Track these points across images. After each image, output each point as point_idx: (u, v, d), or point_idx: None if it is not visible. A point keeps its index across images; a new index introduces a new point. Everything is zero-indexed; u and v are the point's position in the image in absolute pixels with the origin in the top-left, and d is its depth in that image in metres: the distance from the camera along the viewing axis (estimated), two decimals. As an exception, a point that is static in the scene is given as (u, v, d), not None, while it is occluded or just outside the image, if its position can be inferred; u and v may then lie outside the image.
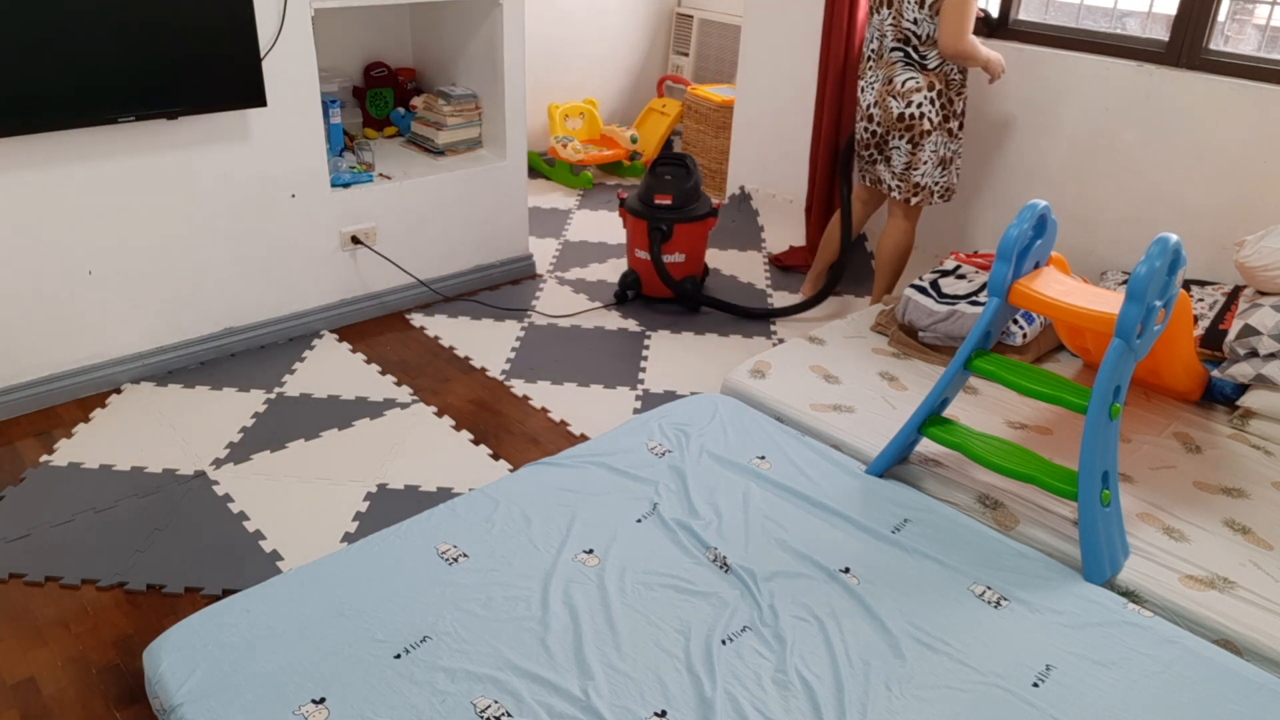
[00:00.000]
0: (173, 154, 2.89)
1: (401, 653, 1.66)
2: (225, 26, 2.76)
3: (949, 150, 3.19)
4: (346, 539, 2.36)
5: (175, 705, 1.55)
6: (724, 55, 5.47)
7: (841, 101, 3.77)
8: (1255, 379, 2.48)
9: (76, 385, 2.92)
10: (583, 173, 5.07)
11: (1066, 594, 1.86)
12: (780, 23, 4.13)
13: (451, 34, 3.80)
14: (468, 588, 1.82)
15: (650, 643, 1.71)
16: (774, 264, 4.11)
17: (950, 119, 3.14)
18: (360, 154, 3.50)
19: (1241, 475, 2.29)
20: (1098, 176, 3.27)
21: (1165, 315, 1.96)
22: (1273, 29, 3.02)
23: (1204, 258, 3.04)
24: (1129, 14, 3.32)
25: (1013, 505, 2.13)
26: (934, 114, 3.11)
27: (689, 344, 3.42)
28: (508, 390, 3.09)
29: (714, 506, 2.09)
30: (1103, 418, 1.88)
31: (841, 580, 1.88)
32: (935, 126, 3.12)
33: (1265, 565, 1.96)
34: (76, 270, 2.82)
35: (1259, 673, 1.68)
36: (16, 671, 1.96)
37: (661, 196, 3.47)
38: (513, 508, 2.06)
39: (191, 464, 2.62)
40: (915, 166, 3.19)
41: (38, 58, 2.49)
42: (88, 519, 2.39)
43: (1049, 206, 2.08)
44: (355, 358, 3.24)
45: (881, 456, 2.23)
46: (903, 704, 1.60)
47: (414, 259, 3.59)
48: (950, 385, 2.14)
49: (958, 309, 2.75)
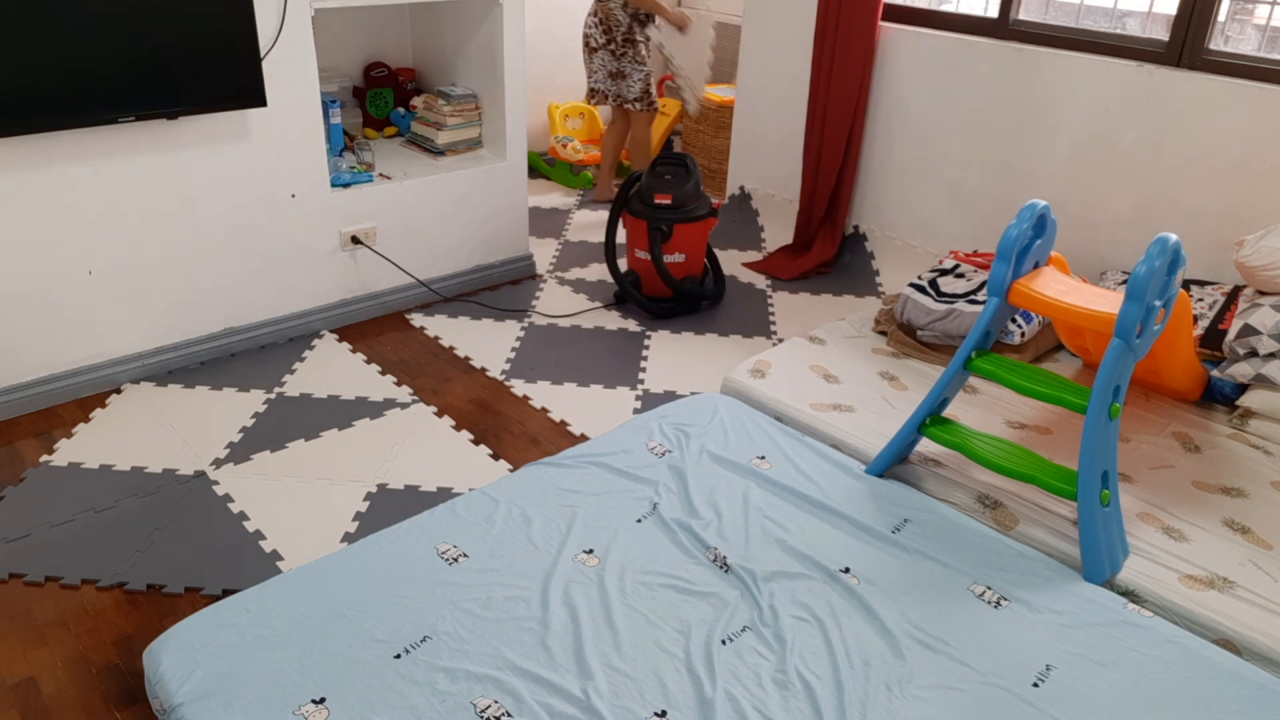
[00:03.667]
0: (173, 154, 2.89)
1: (401, 653, 1.66)
2: (225, 26, 2.76)
3: (616, 67, 4.49)
4: (346, 539, 2.36)
5: (175, 705, 1.55)
6: (724, 55, 5.47)
7: (828, 101, 3.78)
8: (1255, 379, 2.48)
9: (76, 385, 2.92)
10: (583, 173, 5.06)
11: (1066, 594, 1.86)
12: (780, 23, 4.13)
13: (451, 34, 3.80)
14: (468, 588, 1.82)
15: (650, 643, 1.71)
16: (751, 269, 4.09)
17: (612, 44, 4.44)
18: (360, 154, 3.50)
19: (1241, 475, 2.29)
20: (1098, 176, 3.27)
21: (1165, 315, 1.96)
22: (1273, 29, 3.02)
23: (1204, 258, 3.04)
24: (1129, 14, 3.32)
25: (1013, 505, 2.13)
26: (599, 36, 4.45)
27: (689, 344, 3.42)
28: (508, 390, 3.09)
29: (714, 506, 2.09)
30: (1102, 417, 1.88)
31: (841, 580, 1.88)
32: (600, 46, 4.47)
33: (1265, 565, 1.96)
34: (76, 270, 2.82)
35: (1259, 673, 1.68)
36: (16, 671, 1.96)
37: (661, 196, 3.47)
38: (513, 508, 2.06)
39: (191, 464, 2.62)
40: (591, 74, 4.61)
41: (38, 58, 2.49)
42: (88, 519, 2.39)
43: (1049, 206, 2.08)
44: (355, 358, 3.25)
45: (881, 456, 2.23)
46: (903, 704, 1.60)
47: (414, 259, 3.59)
48: (950, 385, 2.14)
49: (956, 308, 2.75)
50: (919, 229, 3.89)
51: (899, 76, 3.76)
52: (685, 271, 3.60)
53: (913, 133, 3.79)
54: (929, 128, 3.73)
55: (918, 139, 3.78)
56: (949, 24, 3.62)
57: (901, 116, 3.81)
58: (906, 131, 3.81)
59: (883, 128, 3.89)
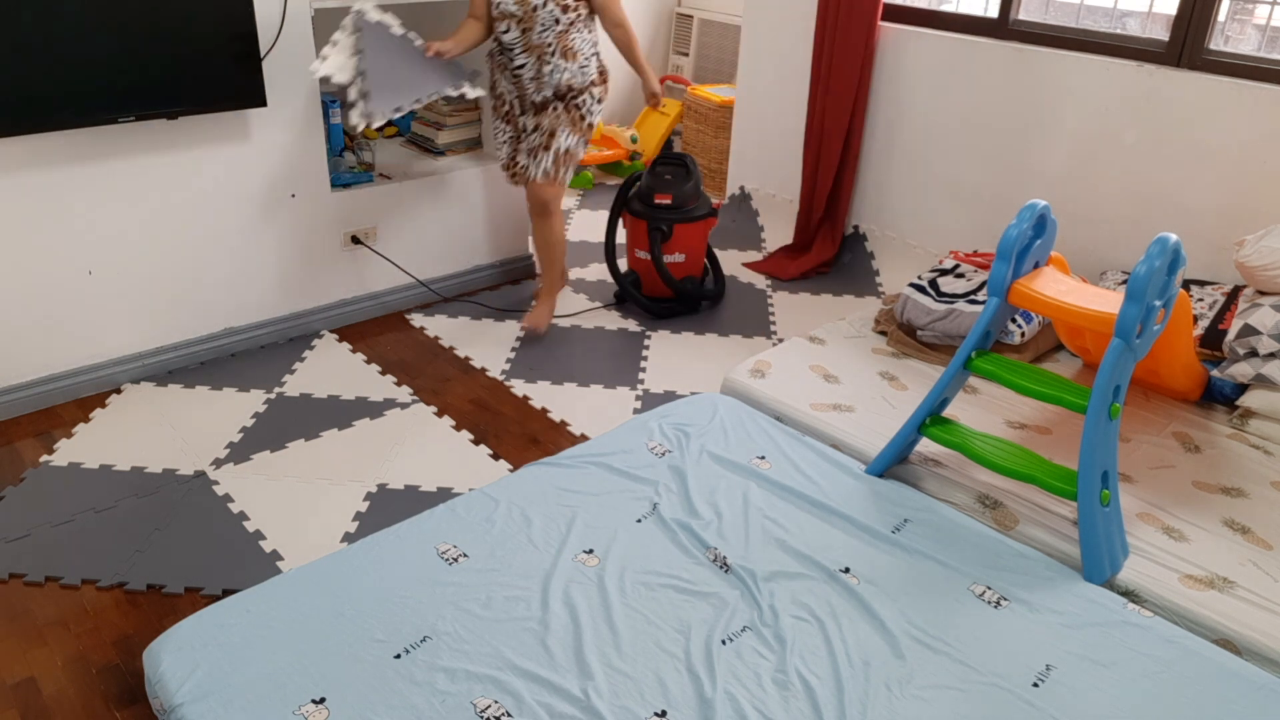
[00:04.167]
0: (173, 154, 2.89)
1: (401, 653, 1.66)
2: (225, 26, 2.76)
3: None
4: (346, 539, 2.36)
5: (175, 705, 1.55)
6: (724, 55, 5.47)
7: (828, 101, 3.78)
8: (1255, 379, 2.48)
9: (76, 385, 2.92)
10: (583, 173, 5.06)
11: (1066, 594, 1.86)
12: (780, 23, 4.13)
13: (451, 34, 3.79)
14: (468, 588, 1.82)
15: (650, 643, 1.71)
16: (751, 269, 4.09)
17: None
18: (360, 154, 3.50)
19: (1241, 475, 2.29)
20: (1098, 176, 3.27)
21: (1165, 315, 1.97)
22: (1273, 29, 3.02)
23: (1204, 258, 3.04)
24: (1129, 14, 3.32)
25: (1013, 505, 2.13)
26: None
27: (689, 344, 3.42)
28: (508, 390, 3.09)
29: (714, 506, 2.09)
30: (1102, 417, 1.88)
31: (841, 580, 1.88)
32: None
33: (1265, 565, 1.96)
34: (76, 270, 2.82)
35: (1259, 673, 1.68)
36: (16, 671, 1.96)
37: (661, 196, 3.47)
38: (513, 508, 2.06)
39: (191, 464, 2.62)
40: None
41: (38, 58, 2.49)
42: (88, 519, 2.39)
43: (1049, 206, 2.08)
44: (355, 358, 3.25)
45: (881, 456, 2.23)
46: (903, 704, 1.60)
47: (414, 259, 3.59)
48: (950, 385, 2.14)
49: (956, 308, 2.75)
50: (919, 229, 3.89)
51: (899, 76, 3.76)
52: (685, 271, 3.60)
53: (913, 133, 3.79)
54: (929, 128, 3.73)
55: (918, 139, 3.78)
56: (949, 24, 3.62)
57: (901, 116, 3.81)
58: (906, 131, 3.81)
59: (883, 128, 3.89)
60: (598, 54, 3.21)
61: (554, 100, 3.17)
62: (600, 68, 3.24)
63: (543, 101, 3.18)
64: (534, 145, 3.22)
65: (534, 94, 3.16)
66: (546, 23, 3.01)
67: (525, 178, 3.31)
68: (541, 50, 3.06)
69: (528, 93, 3.17)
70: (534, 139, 3.22)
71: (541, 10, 2.99)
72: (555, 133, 3.19)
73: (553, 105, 3.18)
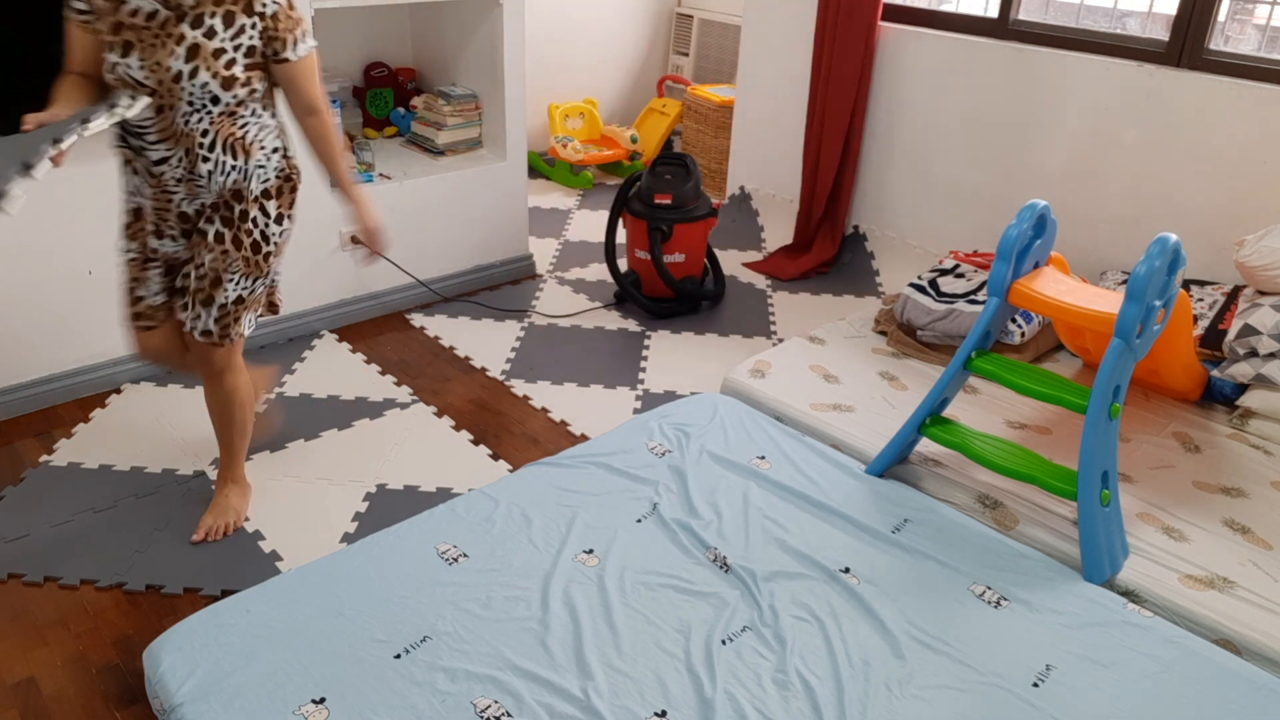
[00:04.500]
0: (172, 154, 2.88)
1: (401, 653, 1.66)
2: (225, 26, 2.75)
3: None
4: (346, 539, 2.36)
5: (175, 705, 1.55)
6: (724, 55, 5.47)
7: (828, 101, 3.78)
8: (1255, 379, 2.48)
9: (76, 385, 2.92)
10: (583, 173, 5.06)
11: (1066, 594, 1.86)
12: (780, 23, 4.13)
13: (451, 34, 3.80)
14: (468, 588, 1.82)
15: (650, 643, 1.71)
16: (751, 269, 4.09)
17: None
18: (360, 154, 3.50)
19: (1241, 475, 2.29)
20: (1098, 176, 3.27)
21: (1165, 315, 1.97)
22: (1273, 29, 3.02)
23: (1204, 258, 3.04)
24: (1129, 14, 3.32)
25: (1013, 505, 2.13)
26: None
27: (689, 344, 3.42)
28: (508, 390, 3.09)
29: (714, 506, 2.09)
30: (1102, 417, 1.88)
31: (841, 580, 1.88)
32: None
33: (1265, 565, 1.96)
34: (76, 270, 2.82)
35: (1259, 673, 1.68)
36: (16, 671, 1.96)
37: (661, 196, 3.47)
38: (513, 508, 2.06)
39: (191, 464, 2.62)
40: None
41: (38, 58, 2.49)
42: (88, 519, 2.39)
43: (1049, 206, 2.08)
44: (355, 358, 3.24)
45: (881, 456, 2.23)
46: (903, 704, 1.60)
47: (414, 259, 3.59)
48: (950, 385, 2.14)
49: (956, 308, 2.75)
50: (919, 229, 3.89)
51: (899, 76, 3.76)
52: (685, 271, 3.60)
53: (913, 133, 3.79)
54: (929, 128, 3.73)
55: (918, 139, 3.78)
56: (949, 24, 3.62)
57: (901, 116, 3.81)
58: (906, 131, 3.81)
59: (883, 128, 3.89)
60: (283, 147, 2.17)
61: (213, 213, 2.10)
62: (287, 168, 2.18)
63: (197, 212, 2.11)
64: (190, 288, 2.15)
65: (185, 202, 2.09)
66: (197, 101, 1.96)
67: (177, 327, 2.25)
68: (192, 141, 2.00)
69: (174, 200, 2.08)
70: (190, 280, 2.15)
71: (188, 82, 1.92)
72: (220, 280, 2.13)
73: (213, 223, 2.10)
